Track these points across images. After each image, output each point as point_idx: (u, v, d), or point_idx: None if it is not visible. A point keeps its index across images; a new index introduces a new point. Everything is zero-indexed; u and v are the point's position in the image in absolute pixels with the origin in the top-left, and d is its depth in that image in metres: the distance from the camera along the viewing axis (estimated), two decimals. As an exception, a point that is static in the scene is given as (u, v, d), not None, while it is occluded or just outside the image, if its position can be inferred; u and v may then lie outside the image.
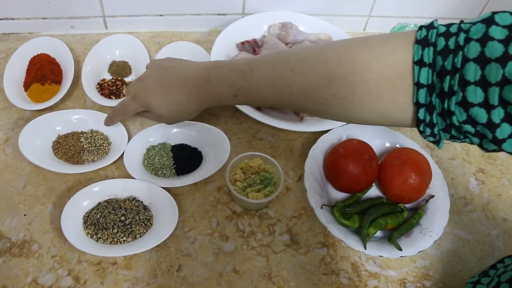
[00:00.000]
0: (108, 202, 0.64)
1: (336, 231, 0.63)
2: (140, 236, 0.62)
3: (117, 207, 0.63)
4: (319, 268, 0.63)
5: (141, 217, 0.63)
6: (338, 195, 0.71)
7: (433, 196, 0.70)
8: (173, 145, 0.72)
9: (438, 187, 0.71)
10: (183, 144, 0.72)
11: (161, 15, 0.89)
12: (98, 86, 0.78)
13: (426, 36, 0.42)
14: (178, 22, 0.91)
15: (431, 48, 0.41)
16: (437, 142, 0.45)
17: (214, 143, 0.71)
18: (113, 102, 0.75)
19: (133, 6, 0.86)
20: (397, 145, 0.76)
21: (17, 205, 0.64)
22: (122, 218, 0.62)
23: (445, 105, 0.40)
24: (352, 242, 0.62)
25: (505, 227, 0.72)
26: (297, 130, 0.76)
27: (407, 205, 0.70)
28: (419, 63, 0.41)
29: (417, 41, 0.42)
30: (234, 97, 0.57)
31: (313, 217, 0.68)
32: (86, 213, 0.62)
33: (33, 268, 0.58)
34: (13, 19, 0.83)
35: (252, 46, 0.86)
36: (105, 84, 0.79)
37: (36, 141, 0.68)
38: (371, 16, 0.98)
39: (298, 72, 0.50)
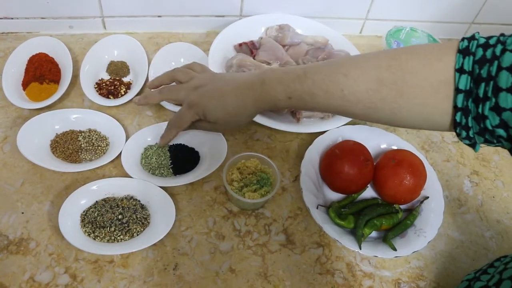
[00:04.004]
0: (105, 200, 0.64)
1: (332, 231, 0.63)
2: (137, 235, 0.62)
3: (115, 205, 0.63)
4: (315, 268, 0.64)
5: (138, 216, 0.63)
6: (334, 195, 0.72)
7: (428, 197, 0.71)
8: (171, 145, 0.72)
9: (432, 188, 0.72)
10: (180, 144, 0.73)
11: (159, 16, 0.89)
12: (96, 86, 0.79)
13: (467, 47, 0.45)
14: (176, 23, 0.91)
15: (471, 57, 0.44)
16: (473, 145, 0.48)
17: (211, 143, 0.72)
18: (111, 102, 0.76)
19: (132, 6, 0.86)
20: (393, 147, 0.77)
21: (15, 203, 0.64)
22: (120, 216, 0.62)
23: (480, 110, 0.44)
24: (347, 242, 0.63)
25: (499, 228, 0.73)
26: (293, 131, 0.76)
27: (402, 206, 0.70)
28: (460, 70, 0.45)
29: (459, 51, 0.45)
30: (288, 99, 0.57)
31: (309, 217, 0.68)
32: (84, 212, 0.63)
33: (30, 265, 0.58)
34: (12, 18, 0.83)
35: (250, 48, 0.86)
36: (103, 84, 0.79)
37: (34, 140, 0.68)
38: (367, 19, 0.98)
39: (351, 76, 0.52)
